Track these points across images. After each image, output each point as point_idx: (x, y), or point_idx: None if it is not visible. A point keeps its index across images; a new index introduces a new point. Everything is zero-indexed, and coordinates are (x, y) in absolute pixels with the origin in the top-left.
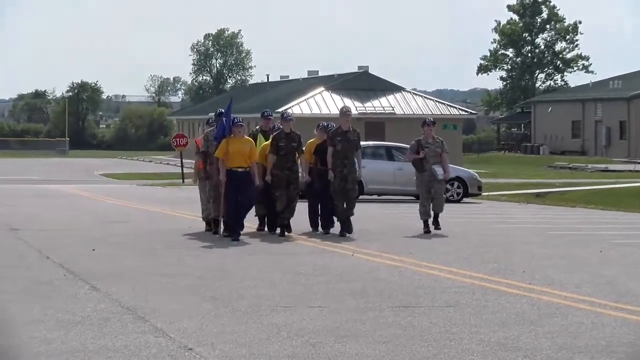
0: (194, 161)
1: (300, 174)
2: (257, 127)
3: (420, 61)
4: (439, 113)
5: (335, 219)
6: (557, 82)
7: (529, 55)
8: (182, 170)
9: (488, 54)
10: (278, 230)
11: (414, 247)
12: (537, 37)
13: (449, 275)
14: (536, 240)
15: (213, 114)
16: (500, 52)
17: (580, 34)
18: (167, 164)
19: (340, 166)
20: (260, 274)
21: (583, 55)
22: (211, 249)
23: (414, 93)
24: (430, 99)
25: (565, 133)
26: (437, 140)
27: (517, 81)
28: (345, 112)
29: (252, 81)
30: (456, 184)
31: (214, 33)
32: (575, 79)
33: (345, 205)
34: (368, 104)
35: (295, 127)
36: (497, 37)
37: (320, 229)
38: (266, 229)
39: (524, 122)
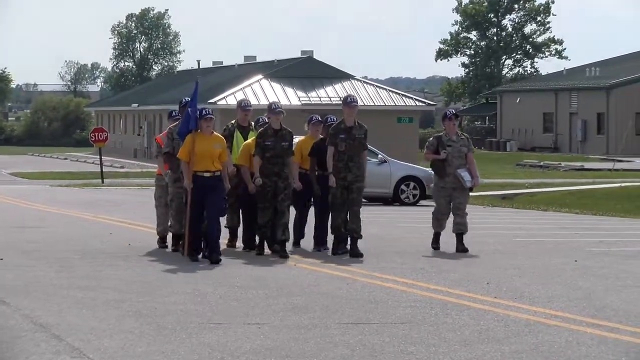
0: (157, 165)
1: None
2: (233, 121)
3: (372, 46)
4: (392, 104)
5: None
6: (526, 69)
7: (495, 38)
8: (102, 169)
9: (448, 38)
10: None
11: (363, 256)
12: (504, 19)
13: (403, 287)
14: (503, 248)
15: (181, 105)
16: (462, 36)
17: (553, 15)
18: (85, 161)
19: (344, 171)
20: (189, 286)
21: (556, 39)
22: (135, 260)
23: (364, 81)
24: (383, 88)
25: (536, 127)
26: (461, 137)
27: (482, 68)
28: (350, 102)
29: (180, 68)
30: (412, 184)
31: (137, 13)
32: (547, 65)
33: (348, 222)
34: (312, 94)
35: (227, 120)
36: (458, 18)
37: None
38: (240, 244)
39: (489, 115)
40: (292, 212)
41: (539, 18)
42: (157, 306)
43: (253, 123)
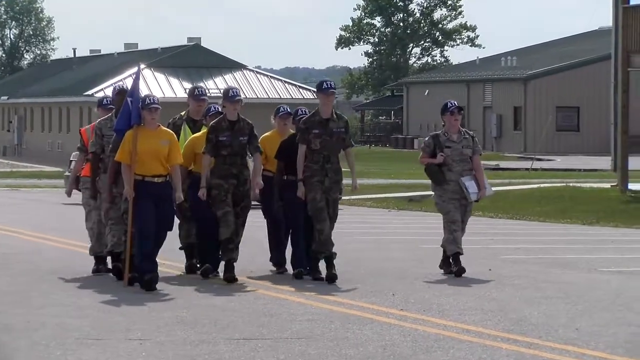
0: (74, 163)
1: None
2: (183, 113)
3: (266, 32)
4: (288, 96)
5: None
6: (435, 58)
7: (401, 25)
8: None
9: (350, 24)
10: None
11: (253, 265)
12: (411, 3)
13: (300, 299)
14: (410, 256)
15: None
16: (365, 22)
17: None
18: None
19: (320, 174)
20: (66, 298)
21: (468, 25)
22: (3, 269)
23: (257, 72)
24: (278, 79)
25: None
26: (465, 136)
27: (386, 57)
28: (326, 88)
29: (54, 56)
30: None
31: None
32: (458, 54)
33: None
34: (200, 85)
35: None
36: (361, 2)
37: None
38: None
39: (395, 109)
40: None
41: (449, 2)
42: (30, 319)
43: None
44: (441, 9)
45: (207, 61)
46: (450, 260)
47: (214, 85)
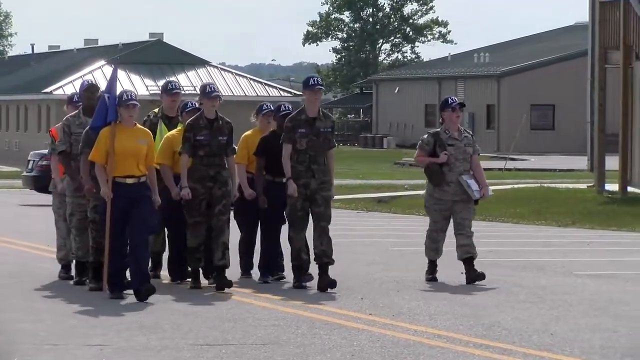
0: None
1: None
2: (157, 110)
3: (231, 28)
4: (253, 94)
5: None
6: (406, 55)
7: (371, 20)
8: None
9: (317, 19)
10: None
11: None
12: None
13: (266, 303)
14: (380, 259)
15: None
16: (333, 17)
17: None
18: None
19: (305, 176)
20: (22, 302)
21: (440, 20)
22: None
23: (222, 68)
24: (244, 76)
25: (417, 121)
26: (465, 134)
27: (355, 54)
28: (313, 84)
29: (12, 53)
30: None
31: None
32: (430, 51)
33: (318, 243)
34: (163, 82)
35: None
36: None
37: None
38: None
39: (364, 107)
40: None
41: None
42: None
43: (179, 111)
44: (412, 4)
45: (170, 57)
46: (429, 266)
47: (177, 83)
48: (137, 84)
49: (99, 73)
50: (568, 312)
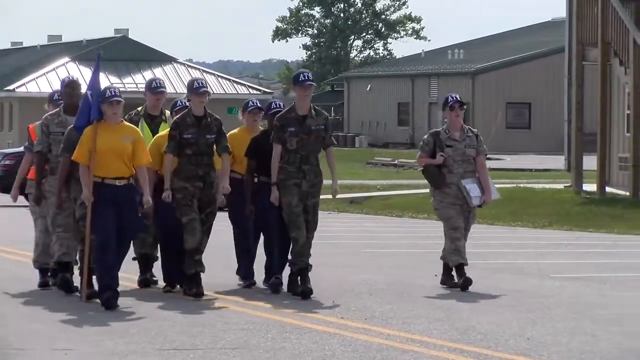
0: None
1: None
2: (140, 108)
3: (198, 24)
4: (221, 92)
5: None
6: (378, 51)
7: (342, 15)
8: None
9: (287, 15)
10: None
11: (216, 279)
12: None
13: (235, 307)
14: (352, 261)
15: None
16: (303, 12)
17: None
18: None
19: (296, 176)
20: None
21: (413, 16)
22: None
23: (189, 65)
24: (211, 73)
25: (390, 119)
26: (468, 134)
27: (326, 50)
28: (303, 80)
29: None
30: None
31: None
32: (403, 47)
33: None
34: (128, 80)
35: (32, 113)
36: None
37: (263, 280)
38: (156, 281)
39: (335, 105)
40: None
41: None
42: None
43: (167, 110)
44: None
45: (136, 54)
46: (453, 272)
47: (142, 80)
48: (101, 81)
49: (62, 70)
50: (545, 315)
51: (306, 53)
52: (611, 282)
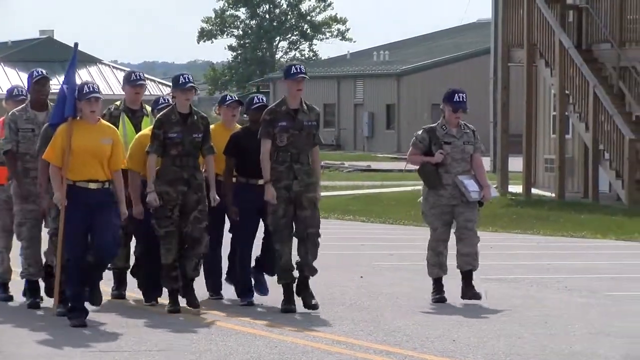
0: None
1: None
2: (118, 103)
3: (122, 25)
4: (147, 93)
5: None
6: (304, 52)
7: (267, 17)
8: None
9: (212, 16)
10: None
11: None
12: None
13: (157, 309)
14: None
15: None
16: (228, 13)
17: None
18: None
19: (287, 177)
20: None
21: (339, 17)
22: None
23: (114, 66)
24: None
25: None
26: (465, 131)
27: (252, 51)
28: (295, 72)
29: None
30: None
31: None
32: (328, 49)
33: (303, 254)
34: (53, 80)
35: None
36: None
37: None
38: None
39: None
40: None
41: None
42: None
43: (149, 107)
44: (310, 0)
45: (61, 55)
46: (434, 285)
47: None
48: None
49: None
50: (471, 317)
51: (231, 54)
52: (537, 284)
